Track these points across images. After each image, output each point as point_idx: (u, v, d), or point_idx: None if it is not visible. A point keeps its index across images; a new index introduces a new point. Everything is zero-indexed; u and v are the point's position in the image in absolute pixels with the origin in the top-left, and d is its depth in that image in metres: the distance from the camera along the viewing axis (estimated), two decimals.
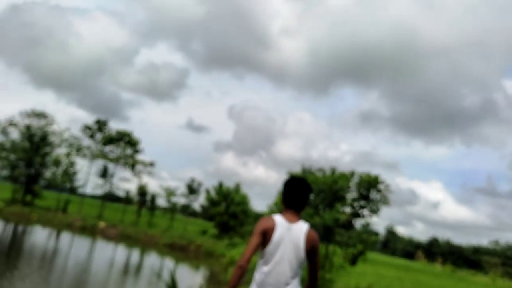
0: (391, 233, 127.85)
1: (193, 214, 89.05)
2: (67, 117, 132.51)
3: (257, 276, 3.06)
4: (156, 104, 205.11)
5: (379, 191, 13.51)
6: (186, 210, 52.22)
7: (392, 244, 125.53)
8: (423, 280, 29.07)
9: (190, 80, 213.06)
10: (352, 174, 13.98)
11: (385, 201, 13.58)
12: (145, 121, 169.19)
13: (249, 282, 3.41)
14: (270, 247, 3.00)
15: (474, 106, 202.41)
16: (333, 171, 13.99)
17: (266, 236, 3.01)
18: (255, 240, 2.97)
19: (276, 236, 3.00)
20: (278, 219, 3.07)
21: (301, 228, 3.07)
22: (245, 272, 2.90)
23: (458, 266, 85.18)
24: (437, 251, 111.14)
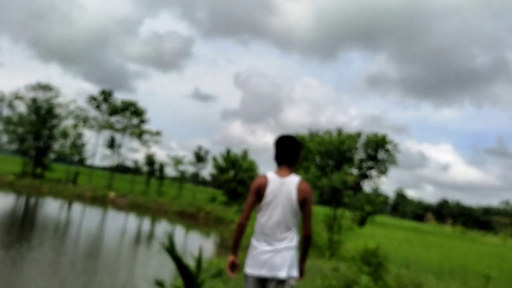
0: (400, 196, 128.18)
1: (203, 183, 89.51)
2: (74, 90, 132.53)
3: (256, 228, 3.28)
4: (162, 74, 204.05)
5: (387, 150, 13.13)
6: (196, 179, 52.40)
7: (402, 207, 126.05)
8: (433, 241, 29.02)
9: (195, 49, 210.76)
10: (359, 134, 13.59)
11: (393, 161, 13.21)
12: (152, 92, 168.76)
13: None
14: (265, 201, 3.22)
15: (484, 66, 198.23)
16: (339, 132, 13.60)
17: (260, 192, 3.23)
18: (250, 198, 3.24)
19: (269, 190, 3.21)
20: (271, 175, 3.28)
21: (293, 180, 3.23)
22: (244, 229, 3.20)
23: (469, 227, 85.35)
24: (447, 213, 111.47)
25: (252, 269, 3.15)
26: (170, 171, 52.62)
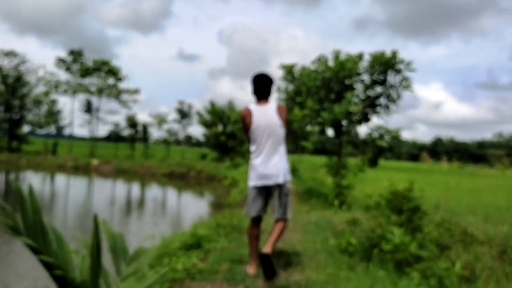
0: (394, 139, 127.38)
1: (197, 144, 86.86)
2: (54, 62, 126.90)
3: (252, 149, 4.12)
4: (143, 37, 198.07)
5: (398, 71, 10.83)
6: (189, 141, 49.96)
7: (397, 149, 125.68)
8: (437, 179, 27.47)
9: (175, 8, 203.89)
10: (360, 56, 11.28)
11: (407, 84, 10.90)
12: (135, 56, 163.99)
13: None
14: (253, 127, 4.04)
15: None
16: (336, 54, 11.25)
17: (247, 121, 4.07)
18: (243, 127, 4.15)
19: (255, 117, 4.04)
20: (252, 106, 4.13)
21: (271, 106, 4.10)
22: None
23: (464, 162, 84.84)
24: (442, 150, 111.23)
25: (254, 181, 4.07)
26: (155, 133, 49.96)
